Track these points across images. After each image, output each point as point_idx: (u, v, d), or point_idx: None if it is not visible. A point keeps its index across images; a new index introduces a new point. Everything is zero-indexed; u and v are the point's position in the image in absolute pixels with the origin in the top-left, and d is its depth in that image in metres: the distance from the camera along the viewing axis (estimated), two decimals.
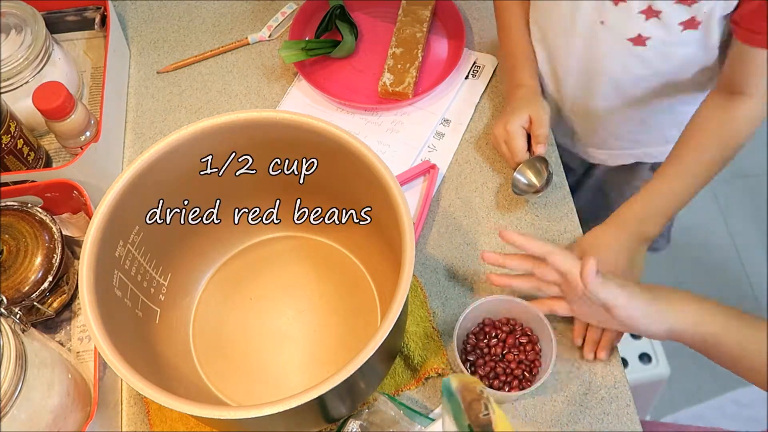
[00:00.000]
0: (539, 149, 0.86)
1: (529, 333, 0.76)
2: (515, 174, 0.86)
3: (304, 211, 0.84)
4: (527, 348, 0.75)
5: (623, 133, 0.98)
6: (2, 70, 0.89)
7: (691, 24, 0.74)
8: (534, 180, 0.86)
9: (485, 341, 0.76)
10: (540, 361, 0.75)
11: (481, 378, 0.74)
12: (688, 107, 0.86)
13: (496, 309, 0.77)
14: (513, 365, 0.75)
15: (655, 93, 0.87)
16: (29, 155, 0.89)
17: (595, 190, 1.15)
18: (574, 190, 0.97)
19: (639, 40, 0.78)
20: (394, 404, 0.73)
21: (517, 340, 0.76)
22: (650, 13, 0.74)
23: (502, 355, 0.76)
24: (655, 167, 1.03)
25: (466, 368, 0.74)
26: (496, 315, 0.78)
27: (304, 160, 0.75)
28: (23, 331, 0.68)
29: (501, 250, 0.83)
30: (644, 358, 1.49)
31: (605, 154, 1.03)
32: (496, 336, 0.77)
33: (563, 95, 0.95)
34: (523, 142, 0.86)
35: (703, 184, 0.80)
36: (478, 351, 0.76)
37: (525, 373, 0.75)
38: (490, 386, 0.74)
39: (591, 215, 1.15)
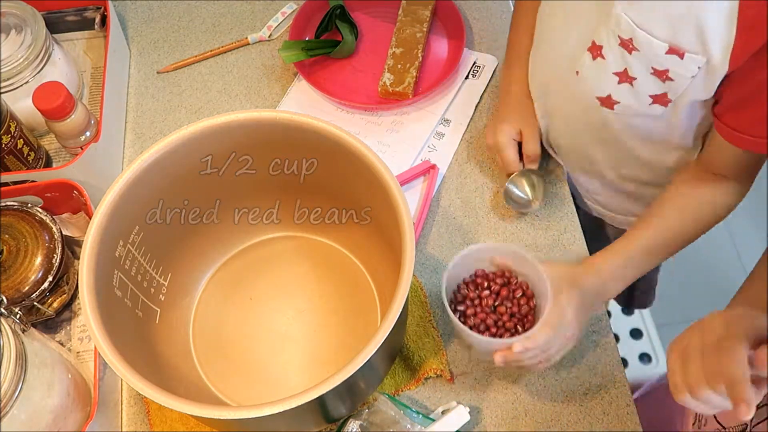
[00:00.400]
0: (530, 167, 0.86)
1: (524, 288, 0.74)
2: (507, 185, 0.85)
3: (304, 211, 0.84)
4: (521, 302, 0.73)
5: (599, 192, 0.93)
6: (2, 70, 0.89)
7: (661, 99, 0.70)
8: (528, 193, 0.85)
9: (476, 292, 0.75)
10: (533, 316, 0.73)
11: (471, 328, 0.72)
12: (653, 190, 0.84)
13: (484, 259, 0.75)
14: (505, 318, 0.73)
15: (620, 163, 0.84)
16: (29, 155, 0.89)
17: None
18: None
19: (608, 102, 0.73)
20: (395, 404, 0.73)
21: (511, 293, 0.74)
22: (624, 77, 0.70)
23: (494, 307, 0.74)
24: None
25: (457, 318, 0.72)
26: (491, 267, 0.76)
27: (304, 160, 0.75)
28: (23, 331, 0.68)
29: None
30: (644, 358, 1.49)
31: (608, 213, 0.98)
32: (489, 287, 0.74)
33: (548, 130, 0.90)
34: (514, 153, 0.85)
35: (666, 256, 0.77)
36: (468, 301, 0.74)
37: (518, 326, 0.72)
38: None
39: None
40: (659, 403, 0.92)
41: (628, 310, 1.57)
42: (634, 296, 1.19)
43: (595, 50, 0.71)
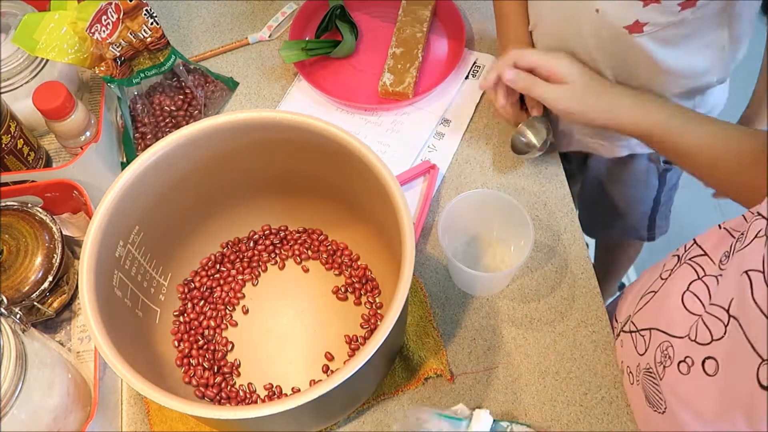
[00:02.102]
0: (534, 113, 0.88)
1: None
2: (514, 134, 0.88)
3: (305, 212, 0.84)
4: None
5: None
6: (2, 70, 0.89)
7: (689, 3, 0.72)
8: (533, 140, 0.88)
9: None
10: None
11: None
12: (684, 102, 0.86)
13: (479, 204, 0.81)
14: None
15: (648, 82, 0.86)
16: (29, 155, 0.89)
17: (594, 186, 1.15)
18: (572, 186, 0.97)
19: (636, 27, 0.77)
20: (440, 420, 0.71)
21: None
22: (650, 0, 0.73)
23: None
24: (652, 158, 1.03)
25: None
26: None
27: (304, 161, 0.75)
28: (23, 331, 0.68)
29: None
30: None
31: (598, 144, 1.01)
32: None
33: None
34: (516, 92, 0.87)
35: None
36: None
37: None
38: None
39: (591, 213, 1.15)
40: None
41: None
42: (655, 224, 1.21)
43: None
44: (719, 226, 0.64)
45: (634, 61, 0.80)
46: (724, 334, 0.54)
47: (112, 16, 0.85)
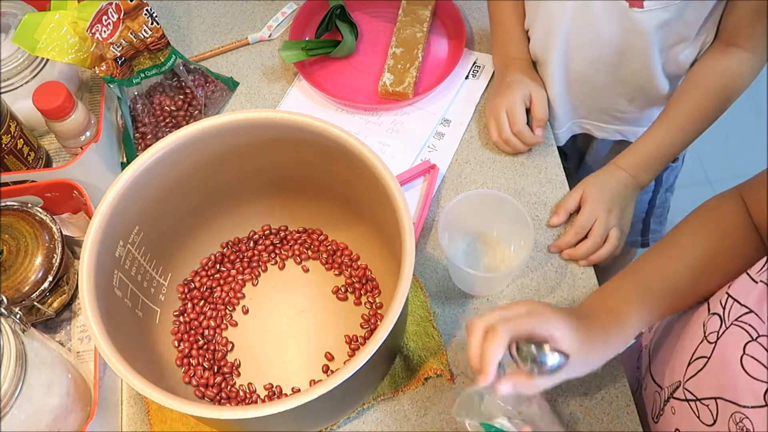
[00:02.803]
0: (539, 132, 0.90)
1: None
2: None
3: (305, 212, 0.84)
4: None
5: (609, 107, 0.98)
6: (2, 70, 0.89)
7: None
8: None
9: None
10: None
11: None
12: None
13: (478, 204, 0.80)
14: None
15: (643, 65, 0.88)
16: (29, 155, 0.89)
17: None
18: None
19: (637, 2, 0.79)
20: None
21: None
22: None
23: None
24: None
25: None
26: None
27: (304, 161, 0.75)
28: (23, 331, 0.68)
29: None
30: None
31: (591, 125, 1.03)
32: None
33: (553, 59, 0.92)
34: (523, 113, 0.89)
35: (697, 134, 0.85)
36: None
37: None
38: None
39: None
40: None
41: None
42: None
43: None
44: (750, 277, 0.59)
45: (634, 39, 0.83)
46: None
47: (113, 16, 0.85)
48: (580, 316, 0.65)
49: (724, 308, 0.62)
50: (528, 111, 0.91)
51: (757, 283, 0.58)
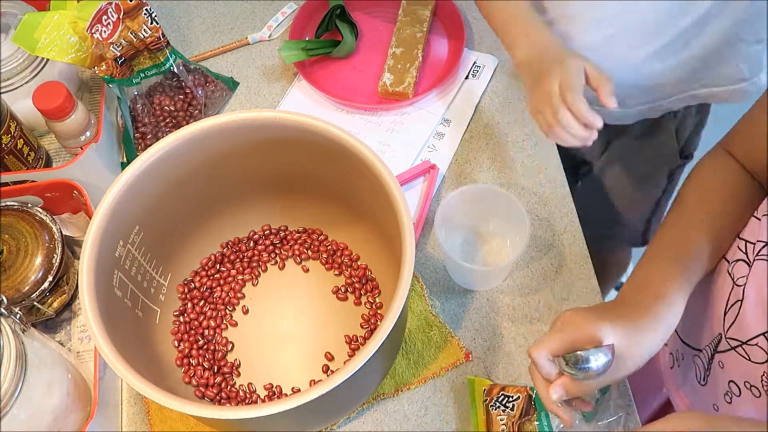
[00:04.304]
0: (609, 99, 0.71)
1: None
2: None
3: (305, 211, 0.84)
4: None
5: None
6: (2, 70, 0.89)
7: None
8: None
9: None
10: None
11: None
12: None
13: (474, 198, 0.80)
14: None
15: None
16: (29, 155, 0.89)
17: (595, 184, 1.13)
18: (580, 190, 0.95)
19: None
20: None
21: None
22: None
23: None
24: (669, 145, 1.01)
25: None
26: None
27: (304, 161, 0.75)
28: (23, 331, 0.68)
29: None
30: None
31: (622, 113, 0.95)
32: None
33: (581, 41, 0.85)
34: (581, 80, 0.72)
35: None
36: None
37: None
38: None
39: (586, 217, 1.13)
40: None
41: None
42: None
43: None
44: (756, 218, 0.64)
45: None
46: None
47: (113, 16, 0.85)
48: (617, 306, 0.64)
49: (745, 252, 0.65)
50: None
51: (760, 219, 0.63)
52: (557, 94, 0.72)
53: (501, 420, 0.70)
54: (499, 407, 0.71)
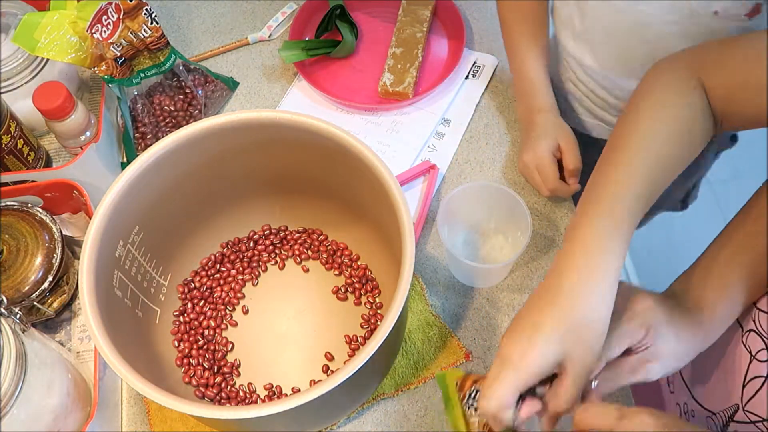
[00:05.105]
0: (573, 183, 0.83)
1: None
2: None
3: (305, 211, 0.84)
4: None
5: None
6: (2, 70, 0.89)
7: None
8: None
9: None
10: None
11: None
12: None
13: (476, 196, 0.81)
14: None
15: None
16: (29, 155, 0.89)
17: None
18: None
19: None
20: None
21: None
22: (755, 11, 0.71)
23: None
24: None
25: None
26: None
27: (304, 161, 0.75)
28: (23, 331, 0.68)
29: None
30: None
31: (600, 125, 0.99)
32: None
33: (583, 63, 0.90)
34: (555, 168, 0.84)
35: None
36: None
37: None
38: None
39: None
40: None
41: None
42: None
43: None
44: None
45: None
46: None
47: (113, 16, 0.85)
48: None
49: (758, 322, 0.61)
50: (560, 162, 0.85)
51: None
52: (537, 177, 0.86)
53: (473, 422, 0.59)
54: (472, 405, 0.59)
